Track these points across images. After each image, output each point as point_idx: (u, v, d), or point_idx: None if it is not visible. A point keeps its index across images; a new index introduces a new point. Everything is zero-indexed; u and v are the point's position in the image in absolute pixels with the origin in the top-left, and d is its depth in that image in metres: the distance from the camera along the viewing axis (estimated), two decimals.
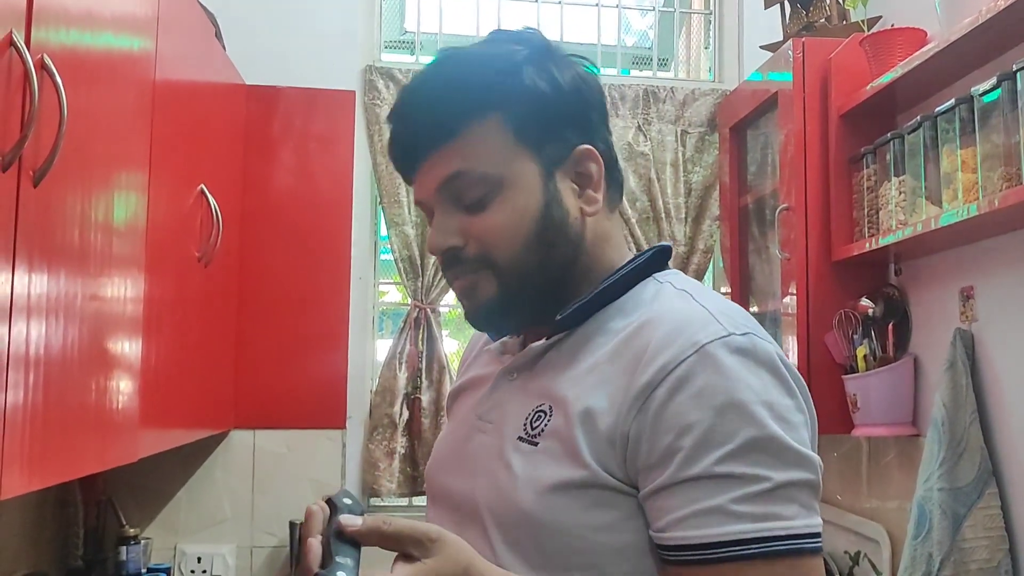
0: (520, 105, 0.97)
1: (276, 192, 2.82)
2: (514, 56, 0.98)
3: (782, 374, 0.89)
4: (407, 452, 2.84)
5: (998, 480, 1.91)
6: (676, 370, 0.87)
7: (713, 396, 0.85)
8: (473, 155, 0.96)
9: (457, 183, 0.97)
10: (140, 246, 1.73)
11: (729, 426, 0.84)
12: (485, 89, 0.97)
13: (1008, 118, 1.69)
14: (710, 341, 0.88)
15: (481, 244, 0.97)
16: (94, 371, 1.50)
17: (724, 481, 0.83)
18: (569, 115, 0.99)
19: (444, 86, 0.98)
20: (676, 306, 0.95)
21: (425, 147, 0.98)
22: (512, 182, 0.97)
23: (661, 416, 0.86)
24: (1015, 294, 1.90)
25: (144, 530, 2.63)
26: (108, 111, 1.57)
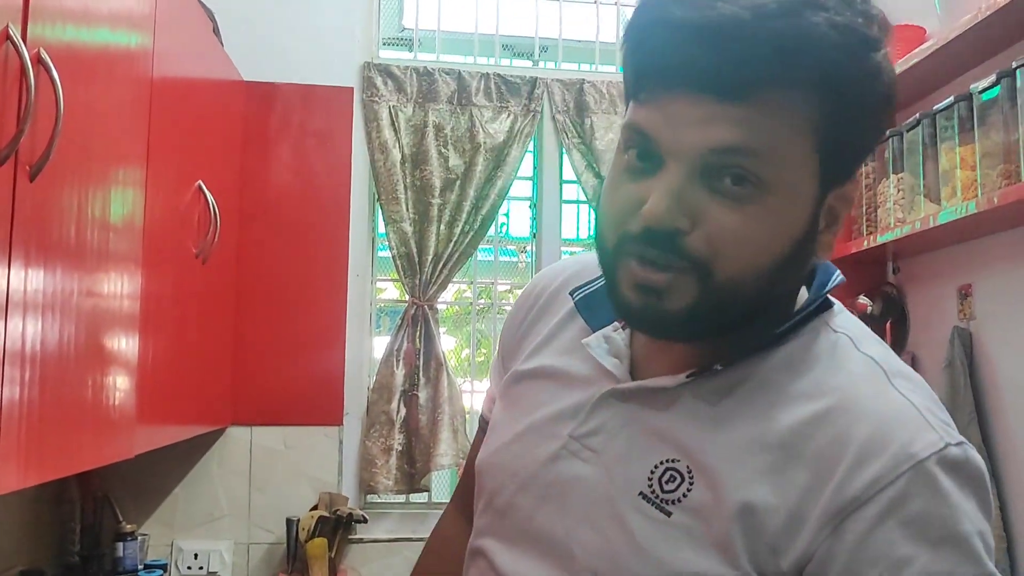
0: (844, 105, 0.74)
1: (274, 189, 2.82)
2: (870, 44, 0.74)
3: (988, 494, 0.76)
4: (404, 449, 2.84)
5: (996, 479, 1.91)
6: (888, 489, 0.72)
7: (930, 527, 0.72)
8: (774, 136, 0.73)
9: (735, 160, 0.73)
10: (137, 242, 1.72)
11: (946, 564, 0.72)
12: (828, 65, 0.72)
13: (1007, 115, 1.68)
14: (928, 456, 0.73)
15: (712, 244, 0.74)
16: (91, 367, 1.50)
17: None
18: (873, 133, 0.79)
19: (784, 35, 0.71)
20: (875, 392, 0.77)
21: (718, 87, 0.72)
22: (785, 191, 0.74)
23: (866, 542, 0.72)
24: (1013, 292, 1.90)
25: (141, 526, 2.63)
26: (105, 107, 1.56)
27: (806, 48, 0.71)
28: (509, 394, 0.97)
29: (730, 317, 0.78)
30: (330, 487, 2.78)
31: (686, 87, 0.73)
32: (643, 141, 0.76)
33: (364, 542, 2.80)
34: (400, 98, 2.93)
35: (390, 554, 2.81)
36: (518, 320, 1.02)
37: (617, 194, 0.78)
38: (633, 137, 0.77)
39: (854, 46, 0.73)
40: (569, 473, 0.84)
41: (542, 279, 1.02)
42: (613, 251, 0.79)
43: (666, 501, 0.78)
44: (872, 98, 0.75)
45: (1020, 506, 1.86)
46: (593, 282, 0.92)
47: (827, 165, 0.76)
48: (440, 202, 2.88)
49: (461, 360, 3.46)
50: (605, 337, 0.88)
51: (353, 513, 2.70)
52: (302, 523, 2.65)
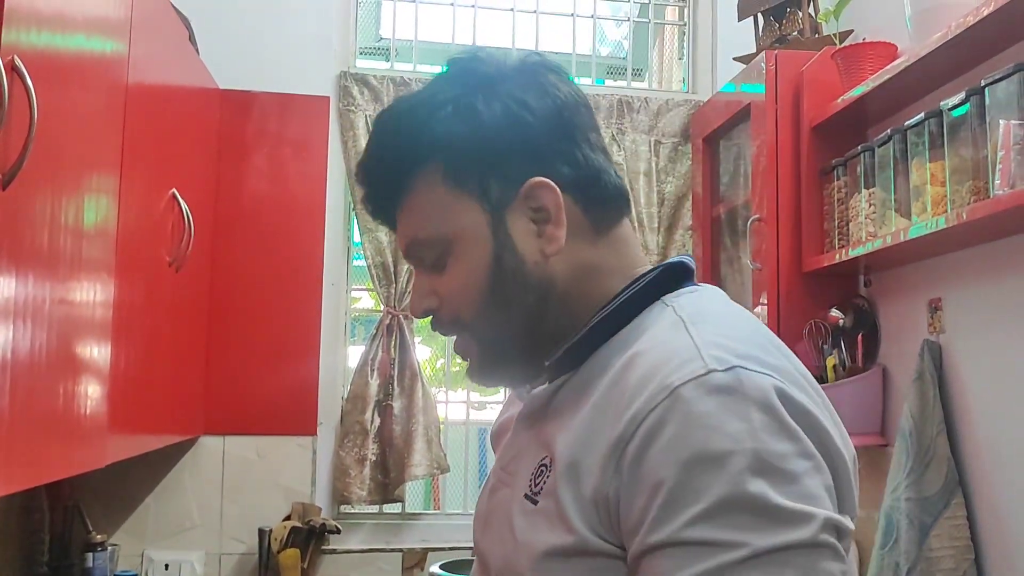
0: (443, 152, 0.89)
1: (249, 197, 2.81)
2: (434, 100, 0.90)
3: (777, 413, 0.74)
4: (378, 459, 2.83)
5: (964, 490, 1.93)
6: (647, 419, 0.75)
7: (681, 448, 0.73)
8: (419, 218, 0.91)
9: (414, 249, 0.93)
10: (110, 250, 1.71)
11: (697, 483, 0.71)
12: (406, 145, 0.90)
13: (976, 132, 1.71)
14: (683, 383, 0.75)
15: (449, 306, 0.92)
16: (62, 376, 1.49)
17: (693, 549, 0.70)
18: (505, 149, 0.89)
19: (377, 150, 0.94)
20: (662, 339, 0.82)
21: (385, 215, 0.95)
22: (460, 237, 0.90)
23: (635, 474, 0.75)
24: (982, 306, 1.93)
25: (111, 536, 2.60)
26: (79, 113, 1.56)
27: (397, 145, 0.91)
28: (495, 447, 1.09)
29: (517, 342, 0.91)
30: (303, 497, 2.77)
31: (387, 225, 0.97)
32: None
33: (337, 553, 2.78)
34: (377, 107, 2.93)
35: (363, 565, 2.79)
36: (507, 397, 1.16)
37: None
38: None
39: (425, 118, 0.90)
40: (496, 499, 0.95)
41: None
42: None
43: (536, 493, 0.85)
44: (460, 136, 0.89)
45: (988, 516, 1.89)
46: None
47: (480, 195, 0.89)
48: None
49: (436, 370, 3.46)
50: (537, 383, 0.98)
51: (326, 523, 2.69)
52: (274, 533, 2.63)
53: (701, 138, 2.92)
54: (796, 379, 0.79)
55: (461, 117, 0.88)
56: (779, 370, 0.78)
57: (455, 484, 3.09)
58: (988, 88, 1.66)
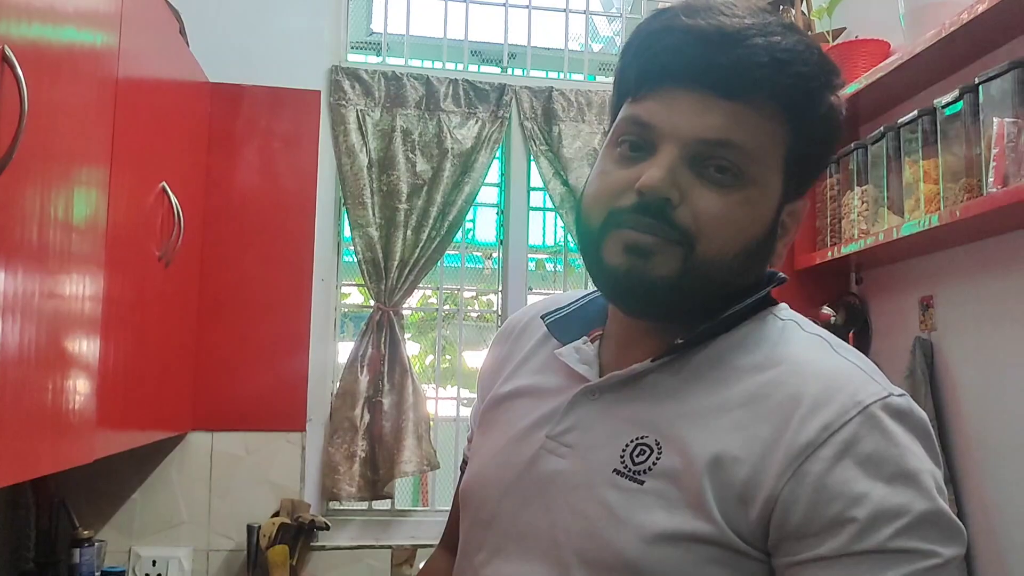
0: (810, 125, 0.86)
1: (239, 192, 2.79)
2: (835, 75, 0.88)
3: (933, 442, 0.83)
4: (367, 456, 2.82)
5: (954, 486, 1.93)
6: (841, 431, 0.78)
7: (883, 464, 0.78)
8: (759, 136, 0.84)
9: (722, 151, 0.83)
10: (100, 244, 1.70)
11: (901, 498, 0.77)
12: (817, 88, 0.85)
13: (970, 130, 1.71)
14: (873, 402, 0.80)
15: (697, 220, 0.83)
16: (51, 370, 1.47)
17: (897, 556, 0.76)
18: (823, 160, 0.92)
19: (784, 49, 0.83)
20: (821, 357, 0.86)
21: (717, 85, 0.83)
22: (762, 187, 0.85)
23: (825, 482, 0.78)
24: (974, 304, 1.93)
25: (98, 532, 2.59)
26: (69, 106, 1.54)
27: (795, 61, 0.83)
28: (487, 419, 1.03)
29: (704, 295, 0.86)
30: (292, 494, 2.75)
31: (687, 82, 0.83)
32: (640, 131, 0.86)
33: (326, 549, 2.77)
34: (368, 102, 2.91)
35: (352, 562, 2.78)
36: (492, 360, 1.09)
37: (608, 179, 0.87)
38: (630, 128, 0.86)
39: (826, 73, 0.86)
40: (548, 470, 0.89)
41: (512, 319, 1.11)
42: (602, 226, 0.86)
43: (638, 472, 0.83)
44: (831, 125, 0.87)
45: (978, 512, 1.89)
46: (562, 308, 1.02)
47: (789, 178, 0.87)
48: (407, 207, 2.87)
49: (426, 366, 3.45)
50: (576, 348, 0.96)
51: (315, 520, 2.68)
52: (263, 530, 2.62)
53: None
54: None
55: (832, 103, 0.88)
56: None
57: (445, 481, 3.08)
58: (982, 86, 1.66)
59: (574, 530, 0.85)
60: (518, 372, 1.03)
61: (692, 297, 0.86)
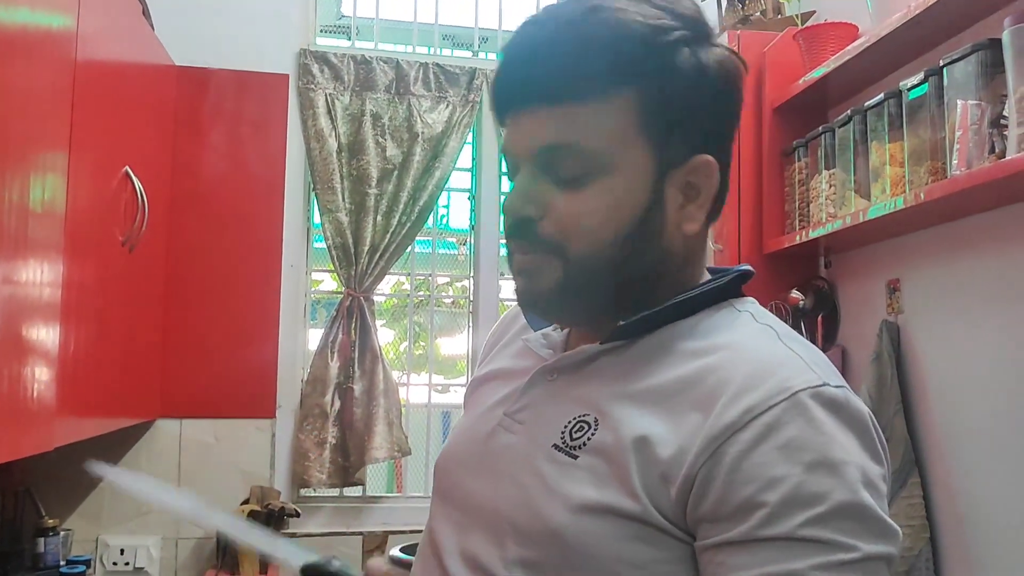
0: (658, 91, 0.84)
1: (206, 176, 2.76)
2: (669, 32, 0.85)
3: (872, 437, 0.80)
4: (338, 442, 2.81)
5: (920, 469, 1.94)
6: (764, 416, 0.77)
7: (804, 451, 0.76)
8: (590, 128, 0.84)
9: (560, 154, 0.85)
10: (59, 229, 1.67)
11: (819, 486, 0.75)
12: (626, 61, 0.84)
13: (934, 113, 1.71)
14: (803, 389, 0.78)
15: (560, 227, 0.86)
16: (6, 357, 1.45)
17: (807, 546, 0.74)
18: (703, 116, 0.87)
19: (583, 40, 0.84)
20: (761, 344, 0.85)
21: (537, 98, 0.85)
22: (620, 170, 0.85)
23: (741, 464, 0.77)
24: (939, 287, 1.94)
25: (66, 521, 2.56)
26: (24, 90, 1.51)
27: (607, 45, 0.84)
28: (468, 401, 1.08)
29: (604, 290, 0.88)
30: (262, 481, 2.74)
31: (521, 103, 0.87)
32: (508, 159, 0.91)
33: (297, 536, 2.75)
34: (337, 86, 2.89)
35: (323, 548, 2.77)
36: (486, 346, 1.13)
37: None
38: (504, 157, 0.92)
39: (658, 38, 0.84)
40: (500, 445, 0.93)
41: (514, 307, 1.13)
42: (508, 252, 0.92)
43: (574, 447, 0.85)
44: (679, 85, 0.85)
45: (943, 495, 1.90)
46: None
47: (659, 146, 0.86)
48: (377, 192, 2.85)
49: (400, 353, 3.43)
50: (544, 335, 1.00)
51: (285, 507, 2.66)
52: None
53: None
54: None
55: (691, 65, 0.85)
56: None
57: (419, 467, 3.07)
58: (946, 68, 1.66)
59: (511, 501, 0.87)
60: (497, 356, 1.07)
61: (587, 294, 0.88)
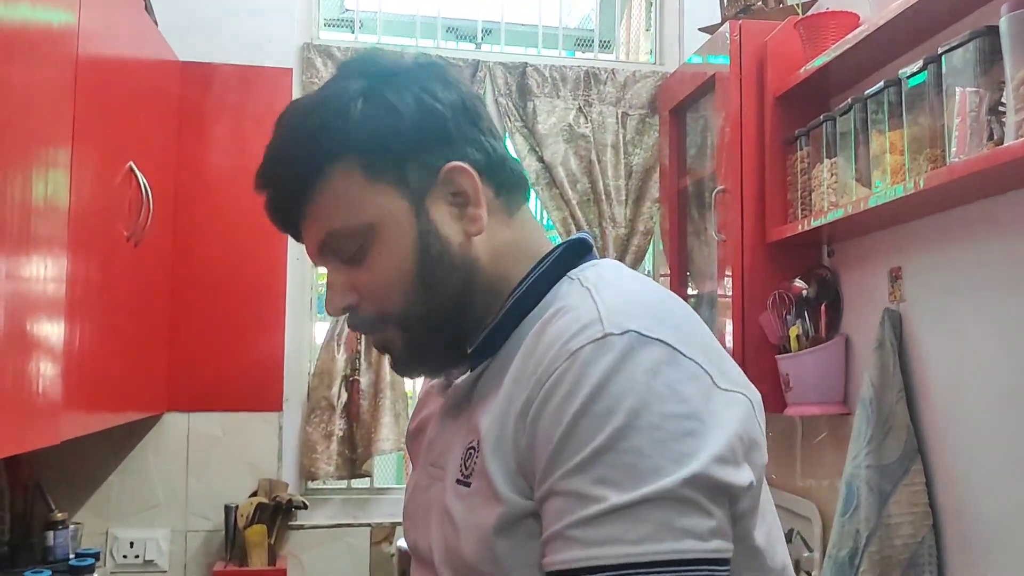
0: (361, 144, 0.90)
1: (211, 171, 2.77)
2: (344, 94, 0.91)
3: (665, 377, 0.77)
4: (345, 434, 2.82)
5: (923, 457, 1.94)
6: (548, 380, 0.79)
7: (572, 403, 0.77)
8: (337, 210, 0.90)
9: (331, 243, 0.92)
10: (62, 224, 1.69)
11: (581, 436, 0.75)
12: (319, 140, 0.90)
13: (934, 101, 1.71)
14: (583, 346, 0.79)
15: (371, 299, 0.92)
16: (11, 352, 1.46)
17: (567, 500, 0.75)
18: (421, 138, 0.91)
19: (284, 148, 0.92)
20: (570, 306, 0.85)
21: (292, 213, 0.93)
22: (383, 225, 0.90)
23: (535, 431, 0.80)
24: (940, 274, 1.94)
25: (75, 515, 2.59)
26: (27, 86, 1.53)
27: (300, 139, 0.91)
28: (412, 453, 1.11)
29: (444, 328, 0.92)
30: (269, 473, 2.75)
31: (284, 223, 0.95)
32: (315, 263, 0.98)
33: (304, 528, 2.78)
34: None
35: (331, 540, 2.79)
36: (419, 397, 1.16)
37: None
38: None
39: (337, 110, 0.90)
40: (432, 495, 0.94)
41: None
42: None
43: (468, 476, 0.87)
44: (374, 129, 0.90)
45: (945, 483, 1.90)
46: None
47: (398, 183, 0.90)
48: None
49: None
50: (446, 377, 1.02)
51: (293, 499, 2.68)
52: (241, 510, 2.62)
53: (668, 110, 2.91)
54: (693, 337, 0.83)
55: (374, 108, 0.90)
56: (674, 332, 0.81)
57: None
58: (945, 56, 1.65)
59: (439, 547, 0.89)
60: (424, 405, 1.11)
61: (438, 343, 0.94)
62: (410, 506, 1.02)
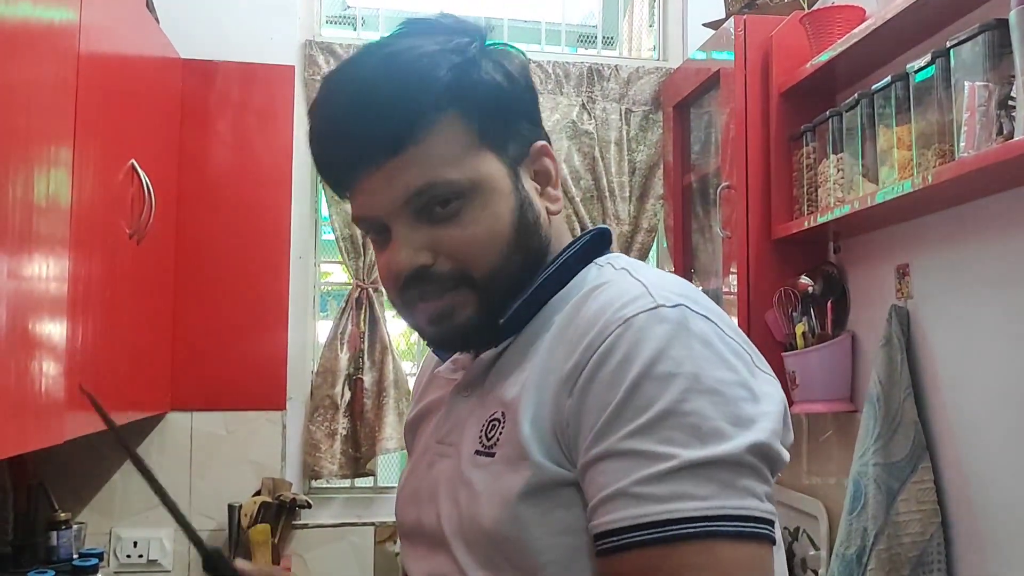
0: (481, 102, 0.90)
1: (214, 169, 2.76)
2: (467, 49, 0.91)
3: (717, 348, 0.80)
4: (349, 433, 2.81)
5: (931, 454, 1.93)
6: (601, 347, 0.81)
7: (629, 368, 0.78)
8: (440, 161, 0.88)
9: (427, 195, 0.88)
10: (64, 223, 1.68)
11: (642, 399, 0.77)
12: (444, 87, 0.88)
13: (942, 95, 1.69)
14: (636, 314, 0.81)
15: (456, 259, 0.90)
16: (14, 351, 1.45)
17: (629, 459, 0.76)
18: (524, 109, 0.96)
19: (396, 85, 0.87)
20: (613, 285, 0.88)
21: (378, 157, 0.88)
22: (484, 187, 0.90)
23: (586, 396, 0.80)
24: (948, 271, 1.92)
25: (79, 515, 2.58)
26: (28, 84, 1.51)
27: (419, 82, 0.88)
28: (409, 445, 1.12)
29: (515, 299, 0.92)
30: (273, 472, 2.74)
31: (363, 167, 0.89)
32: (368, 225, 0.94)
33: (308, 527, 2.77)
34: None
35: (335, 539, 2.78)
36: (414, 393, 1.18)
37: (382, 267, 0.95)
38: (362, 226, 0.95)
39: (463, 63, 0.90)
40: (438, 471, 0.96)
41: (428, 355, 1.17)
42: (402, 307, 0.95)
43: (491, 446, 0.88)
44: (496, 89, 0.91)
45: (954, 480, 1.89)
46: None
47: (500, 150, 0.92)
48: None
49: (410, 344, 3.43)
50: (453, 360, 1.04)
51: (297, 499, 2.67)
52: (244, 509, 2.61)
53: (672, 106, 2.90)
54: (729, 323, 0.87)
55: (495, 71, 0.93)
56: (714, 313, 0.85)
57: None
58: (953, 50, 1.64)
59: (452, 516, 0.90)
60: (422, 397, 1.11)
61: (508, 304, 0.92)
62: (408, 487, 1.02)
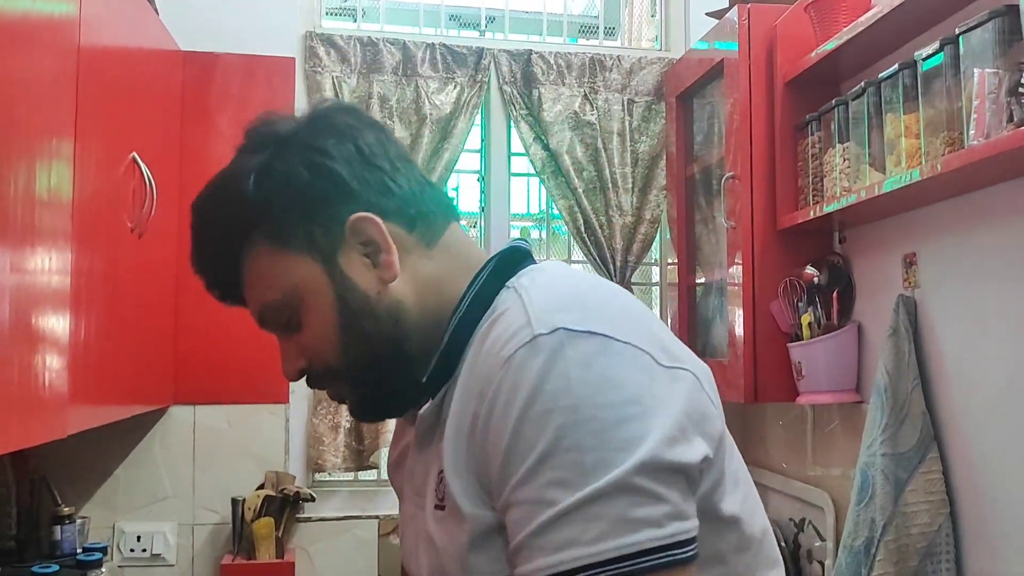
0: (262, 221, 0.93)
1: (215, 161, 2.67)
2: (240, 175, 0.94)
3: (598, 368, 0.77)
4: (352, 426, 2.80)
5: (939, 445, 1.92)
6: (490, 392, 0.81)
7: (512, 411, 0.78)
8: (261, 287, 0.95)
9: (268, 316, 0.96)
10: (66, 216, 1.66)
11: (524, 444, 0.77)
12: (227, 228, 0.95)
13: (950, 83, 1.68)
14: (514, 352, 0.80)
15: (316, 359, 0.95)
16: (16, 345, 1.44)
17: (524, 508, 0.76)
18: (319, 200, 0.93)
19: (202, 243, 0.98)
20: (504, 320, 0.86)
21: (230, 297, 0.99)
22: (300, 293, 0.93)
23: (485, 444, 0.82)
24: (956, 260, 1.91)
25: (82, 509, 2.57)
26: (28, 77, 1.50)
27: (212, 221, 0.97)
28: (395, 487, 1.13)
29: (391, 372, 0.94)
30: (276, 466, 2.74)
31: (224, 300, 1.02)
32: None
33: (312, 521, 2.76)
34: (344, 69, 2.87)
35: (339, 532, 2.78)
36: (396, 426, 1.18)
37: None
38: None
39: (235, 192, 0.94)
40: (418, 522, 0.97)
41: None
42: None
43: (441, 500, 0.89)
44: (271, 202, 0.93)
45: (962, 470, 1.88)
46: None
47: (307, 248, 0.93)
48: None
49: None
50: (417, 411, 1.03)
51: (300, 492, 2.66)
52: (248, 503, 2.61)
53: (674, 96, 2.88)
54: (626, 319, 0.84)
55: (264, 183, 0.93)
56: (606, 321, 0.81)
57: None
58: (962, 37, 1.63)
59: (426, 570, 0.92)
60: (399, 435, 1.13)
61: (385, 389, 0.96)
62: (403, 536, 1.06)
